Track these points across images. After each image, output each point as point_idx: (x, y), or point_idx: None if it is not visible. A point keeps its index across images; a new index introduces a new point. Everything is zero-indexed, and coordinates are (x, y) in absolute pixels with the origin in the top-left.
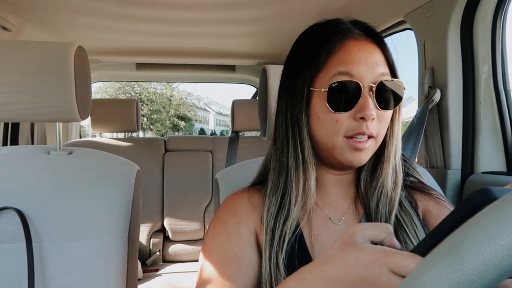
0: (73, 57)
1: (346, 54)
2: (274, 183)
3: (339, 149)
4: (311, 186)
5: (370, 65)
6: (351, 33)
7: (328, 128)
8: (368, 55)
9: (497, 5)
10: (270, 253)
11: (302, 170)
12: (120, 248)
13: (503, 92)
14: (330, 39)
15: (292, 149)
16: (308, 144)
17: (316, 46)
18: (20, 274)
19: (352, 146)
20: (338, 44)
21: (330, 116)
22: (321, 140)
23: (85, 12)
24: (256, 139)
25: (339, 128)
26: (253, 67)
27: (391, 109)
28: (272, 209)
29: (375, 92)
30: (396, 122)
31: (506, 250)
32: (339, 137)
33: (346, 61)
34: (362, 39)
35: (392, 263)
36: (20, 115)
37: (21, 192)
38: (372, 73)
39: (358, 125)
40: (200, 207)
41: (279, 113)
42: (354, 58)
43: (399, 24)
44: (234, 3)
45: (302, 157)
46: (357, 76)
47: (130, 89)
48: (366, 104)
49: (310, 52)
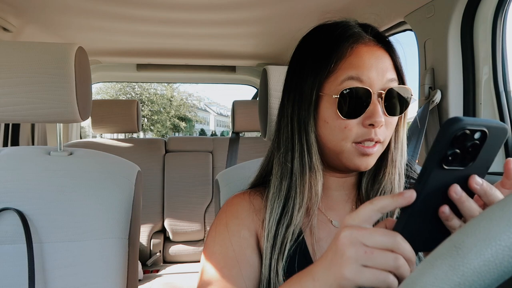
0: (73, 58)
1: (356, 59)
2: (277, 188)
3: (347, 155)
4: (318, 192)
5: (380, 70)
6: (362, 38)
7: (337, 134)
8: (378, 60)
9: (498, 6)
10: (271, 260)
11: (308, 176)
12: (121, 249)
13: (503, 93)
14: (341, 43)
15: (298, 153)
16: (315, 149)
17: (326, 50)
18: (21, 275)
19: (361, 151)
20: (349, 48)
21: (340, 122)
22: (328, 145)
23: (85, 13)
24: (257, 139)
25: (348, 134)
26: (253, 68)
27: (398, 115)
28: (274, 215)
29: (384, 99)
30: (402, 126)
31: (506, 251)
32: (348, 143)
33: (356, 66)
34: (373, 45)
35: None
36: (20, 116)
37: (22, 193)
38: (382, 79)
39: (367, 131)
40: (200, 208)
41: (284, 116)
42: (365, 63)
43: (399, 25)
44: (235, 4)
45: (309, 162)
46: (367, 82)
47: (130, 90)
48: (376, 110)
49: (320, 55)
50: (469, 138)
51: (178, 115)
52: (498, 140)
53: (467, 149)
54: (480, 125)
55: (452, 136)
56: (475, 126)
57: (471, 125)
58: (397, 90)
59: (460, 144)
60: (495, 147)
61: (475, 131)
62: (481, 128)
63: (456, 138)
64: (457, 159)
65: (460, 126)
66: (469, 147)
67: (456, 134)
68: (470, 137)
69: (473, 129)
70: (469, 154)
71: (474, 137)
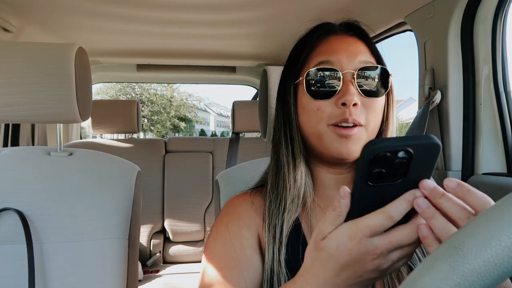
0: (73, 58)
1: (326, 46)
2: (273, 181)
3: (326, 138)
4: (304, 176)
5: (351, 53)
6: (333, 30)
7: (312, 117)
8: (348, 45)
9: (498, 7)
10: (273, 249)
11: (293, 166)
12: (121, 249)
13: (503, 93)
14: (311, 36)
15: (284, 145)
16: (297, 137)
17: (300, 45)
18: (21, 275)
19: (337, 133)
20: (319, 39)
21: (312, 104)
22: (308, 130)
23: (85, 14)
24: (257, 140)
25: (322, 116)
26: (253, 68)
27: (379, 97)
28: (272, 206)
29: (356, 79)
30: (391, 111)
31: (506, 251)
32: (323, 125)
33: (325, 52)
34: (344, 34)
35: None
36: (20, 116)
37: (22, 193)
38: (353, 61)
39: (341, 111)
40: (200, 208)
41: (276, 114)
42: (334, 48)
43: (399, 25)
44: (235, 4)
45: (292, 150)
46: (337, 64)
47: (130, 90)
48: (347, 89)
49: (296, 52)
50: (393, 157)
51: (178, 115)
52: (430, 154)
53: (394, 167)
54: (401, 145)
55: (371, 158)
56: (395, 147)
57: (390, 147)
58: (372, 71)
59: (383, 164)
60: (428, 161)
61: (397, 151)
62: (403, 148)
63: (377, 159)
64: (383, 176)
65: (375, 150)
66: (396, 165)
67: (378, 155)
68: (393, 156)
69: (394, 150)
70: (397, 171)
71: (398, 155)
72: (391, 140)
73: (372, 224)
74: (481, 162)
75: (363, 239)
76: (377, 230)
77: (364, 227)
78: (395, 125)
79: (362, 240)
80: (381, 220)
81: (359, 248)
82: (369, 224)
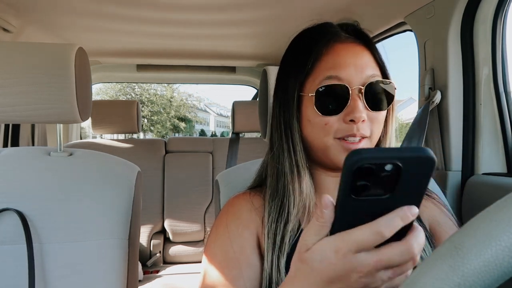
0: (73, 58)
1: (334, 57)
2: (274, 188)
3: (333, 150)
4: (308, 187)
5: (359, 67)
6: (338, 36)
7: (319, 131)
8: (356, 57)
9: (497, 7)
10: (272, 257)
11: (296, 174)
12: (121, 249)
13: (503, 93)
14: (317, 43)
15: (286, 153)
16: (300, 147)
17: (304, 51)
18: (21, 275)
19: (345, 147)
20: (325, 48)
21: (320, 120)
22: (314, 143)
23: (86, 14)
24: (257, 140)
25: (329, 131)
26: (253, 69)
27: (384, 110)
28: (272, 214)
29: (364, 94)
30: (390, 121)
31: (506, 251)
32: (330, 139)
33: (333, 65)
34: (350, 42)
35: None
36: (20, 117)
37: (22, 193)
38: (361, 75)
39: (348, 127)
40: (200, 208)
41: (274, 118)
42: (342, 62)
43: (399, 25)
44: (235, 4)
45: (295, 161)
46: (345, 79)
47: (130, 90)
48: (355, 106)
49: (299, 57)
50: (378, 170)
51: (178, 115)
52: (423, 169)
53: (381, 180)
54: (387, 157)
55: (353, 170)
56: (380, 159)
57: (374, 158)
58: (378, 85)
59: (368, 176)
60: (421, 176)
61: (383, 164)
62: (390, 161)
63: (361, 171)
64: (368, 190)
65: (358, 161)
66: (383, 178)
67: (361, 166)
68: (379, 169)
69: (380, 163)
70: (385, 185)
71: (385, 168)
72: (378, 151)
73: (358, 239)
74: (481, 162)
75: (348, 254)
76: (364, 246)
77: (350, 241)
78: (393, 133)
79: (347, 255)
80: (368, 235)
81: (343, 264)
82: (356, 238)
